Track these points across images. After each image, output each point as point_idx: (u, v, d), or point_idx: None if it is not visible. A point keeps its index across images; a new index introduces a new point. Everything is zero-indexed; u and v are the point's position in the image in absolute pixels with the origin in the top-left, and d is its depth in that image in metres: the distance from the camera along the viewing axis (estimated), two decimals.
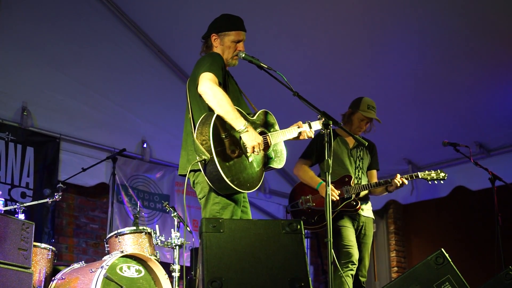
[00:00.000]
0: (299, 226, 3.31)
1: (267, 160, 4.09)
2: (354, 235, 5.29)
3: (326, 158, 3.75)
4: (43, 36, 6.83)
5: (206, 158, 3.69)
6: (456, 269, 3.79)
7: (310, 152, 5.52)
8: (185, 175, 3.91)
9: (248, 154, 3.86)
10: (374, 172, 5.65)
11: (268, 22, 6.81)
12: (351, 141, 5.57)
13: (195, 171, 3.93)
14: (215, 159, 3.66)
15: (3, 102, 6.59)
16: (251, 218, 4.17)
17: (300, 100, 3.92)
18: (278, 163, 4.15)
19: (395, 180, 5.31)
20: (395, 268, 8.91)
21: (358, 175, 5.47)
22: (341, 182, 5.35)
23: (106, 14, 7.20)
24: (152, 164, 7.81)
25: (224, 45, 4.17)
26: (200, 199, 3.97)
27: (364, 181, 5.47)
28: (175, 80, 7.67)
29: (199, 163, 3.74)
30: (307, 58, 7.13)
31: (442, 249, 3.83)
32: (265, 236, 3.24)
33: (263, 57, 4.14)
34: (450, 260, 3.81)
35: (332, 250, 3.64)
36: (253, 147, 3.81)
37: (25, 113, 6.70)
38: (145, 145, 7.73)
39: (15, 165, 6.57)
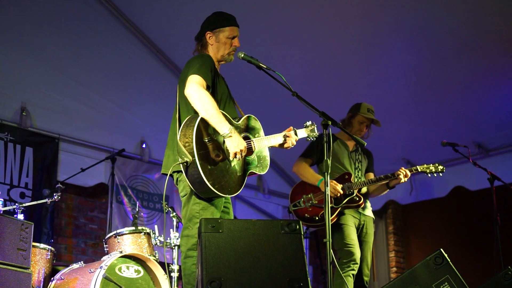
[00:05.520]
0: (298, 226, 3.31)
1: (250, 165, 4.08)
2: (356, 234, 5.32)
3: (325, 158, 3.76)
4: (42, 36, 6.83)
5: (188, 160, 3.69)
6: (455, 269, 3.78)
7: (311, 151, 5.55)
8: (167, 174, 3.91)
9: (230, 159, 3.86)
10: (371, 175, 5.71)
11: (266, 23, 6.81)
12: (350, 145, 5.64)
13: (178, 171, 3.93)
14: (197, 162, 3.66)
15: (2, 103, 6.60)
16: (233, 218, 4.17)
17: (299, 100, 3.92)
18: (261, 169, 4.14)
19: (400, 171, 5.35)
20: (394, 269, 8.91)
21: (358, 175, 5.53)
22: (342, 179, 5.39)
23: (105, 14, 7.20)
24: (151, 164, 7.81)
25: (219, 41, 4.17)
26: (182, 196, 3.97)
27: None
28: (174, 80, 7.66)
29: (181, 165, 3.74)
30: (305, 59, 7.14)
31: (441, 249, 3.83)
32: (264, 236, 3.24)
33: (262, 57, 4.14)
34: (449, 260, 3.81)
35: (331, 251, 3.66)
36: (235, 153, 3.80)
37: (24, 114, 6.70)
38: (144, 146, 7.73)
39: (14, 165, 6.57)
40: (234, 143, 3.79)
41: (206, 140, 3.78)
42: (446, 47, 6.55)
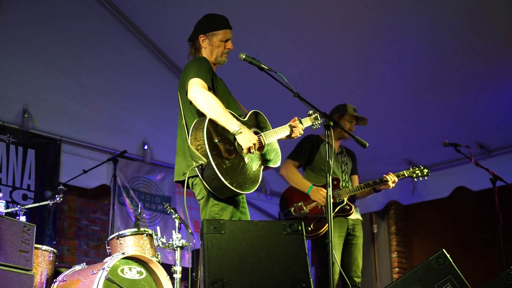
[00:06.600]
0: (300, 227, 3.31)
1: (262, 160, 4.09)
2: (340, 250, 5.22)
3: (327, 159, 3.77)
4: (43, 38, 6.84)
5: (202, 163, 3.69)
6: (457, 270, 3.78)
7: (299, 153, 5.47)
8: (182, 181, 3.91)
9: (244, 155, 3.87)
10: (356, 177, 5.67)
11: (268, 24, 6.81)
12: (336, 147, 5.58)
13: (192, 176, 3.93)
14: (212, 162, 3.66)
15: (4, 105, 6.61)
16: (249, 218, 4.17)
17: (300, 101, 3.93)
18: (274, 162, 4.15)
19: (388, 176, 5.30)
20: (397, 269, 8.90)
21: (345, 178, 5.48)
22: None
23: (107, 16, 7.20)
24: (153, 165, 7.81)
25: (213, 45, 4.18)
26: (199, 200, 3.97)
27: (350, 185, 5.47)
28: (175, 82, 7.54)
29: (196, 168, 3.75)
30: (306, 59, 7.14)
31: (444, 250, 3.83)
32: (266, 237, 3.25)
33: (263, 58, 4.15)
34: (451, 260, 3.80)
35: (333, 251, 3.66)
36: (249, 148, 3.81)
37: (26, 116, 6.70)
38: (146, 147, 7.74)
39: (16, 167, 6.58)
40: (245, 139, 3.80)
41: (217, 140, 3.78)
42: (447, 47, 6.55)
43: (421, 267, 3.84)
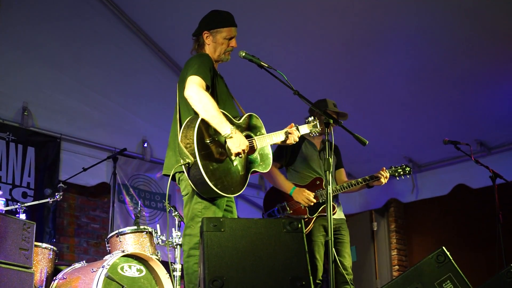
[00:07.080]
0: (300, 225, 3.31)
1: (252, 164, 4.07)
2: (323, 251, 5.17)
3: (327, 157, 3.77)
4: (43, 36, 6.83)
5: (190, 161, 3.69)
6: (457, 267, 3.79)
7: (280, 154, 5.37)
8: (169, 175, 3.91)
9: (232, 159, 3.86)
10: (342, 170, 5.57)
11: (268, 22, 6.80)
12: (318, 143, 5.45)
13: (180, 171, 3.93)
14: (198, 162, 3.66)
15: (3, 102, 6.60)
16: (236, 217, 4.16)
17: (300, 98, 3.93)
18: (264, 167, 4.12)
19: (381, 173, 5.24)
20: (396, 267, 8.91)
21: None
22: (313, 185, 5.22)
23: (107, 14, 7.19)
24: (152, 163, 7.81)
25: (216, 42, 4.15)
26: (184, 196, 3.97)
27: (333, 183, 5.37)
28: (176, 80, 7.56)
29: (183, 166, 3.74)
30: (307, 58, 7.12)
31: (443, 247, 3.84)
32: (266, 235, 3.24)
33: (263, 56, 4.14)
34: (451, 258, 3.81)
35: (333, 249, 3.67)
36: (237, 153, 3.79)
37: (25, 113, 6.70)
38: (145, 145, 7.73)
39: (16, 165, 6.58)
40: (235, 143, 3.78)
41: (208, 141, 3.77)
42: (449, 46, 6.54)
43: (421, 265, 3.85)
